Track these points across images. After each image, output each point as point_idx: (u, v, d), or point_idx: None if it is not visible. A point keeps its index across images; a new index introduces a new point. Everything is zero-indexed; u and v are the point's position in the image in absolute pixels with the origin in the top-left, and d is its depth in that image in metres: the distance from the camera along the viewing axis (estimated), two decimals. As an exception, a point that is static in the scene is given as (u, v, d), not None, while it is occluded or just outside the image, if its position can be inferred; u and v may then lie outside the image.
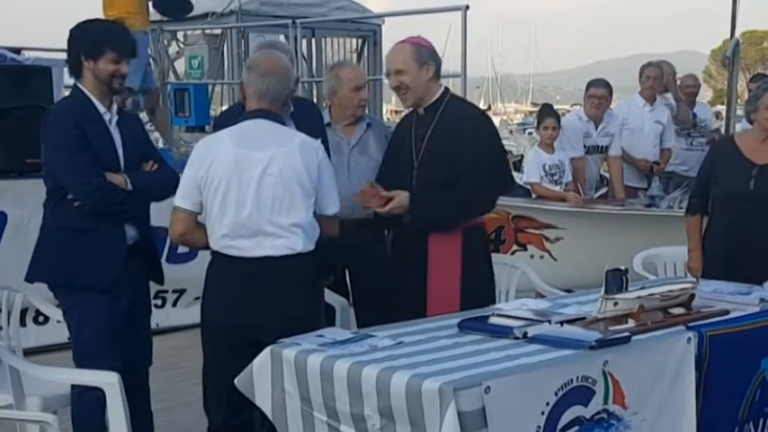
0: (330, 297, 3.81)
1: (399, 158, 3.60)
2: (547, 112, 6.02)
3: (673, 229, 4.56)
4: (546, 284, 4.18)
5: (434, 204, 3.45)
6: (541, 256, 5.56)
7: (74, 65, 3.29)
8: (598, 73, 7.92)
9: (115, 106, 3.35)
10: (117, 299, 3.25)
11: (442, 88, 3.57)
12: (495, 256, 4.94)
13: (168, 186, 3.27)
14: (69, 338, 3.36)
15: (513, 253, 5.52)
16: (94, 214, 3.20)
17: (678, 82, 7.01)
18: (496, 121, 38.09)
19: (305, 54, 9.02)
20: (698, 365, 2.74)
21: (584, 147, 6.18)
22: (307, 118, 3.53)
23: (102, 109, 3.28)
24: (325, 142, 3.53)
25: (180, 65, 9.19)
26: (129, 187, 3.26)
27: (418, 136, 3.53)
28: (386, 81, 4.04)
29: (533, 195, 5.86)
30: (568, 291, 4.04)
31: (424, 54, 3.48)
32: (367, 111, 4.31)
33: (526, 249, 5.60)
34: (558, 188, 5.83)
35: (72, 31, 3.31)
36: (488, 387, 2.27)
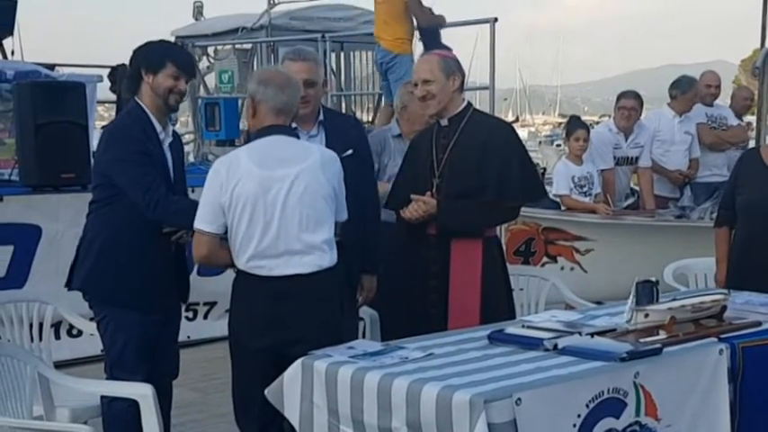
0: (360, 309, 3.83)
1: (418, 168, 3.64)
2: (577, 124, 6.00)
3: (704, 241, 4.52)
4: (576, 296, 4.17)
5: (464, 209, 3.50)
6: (572, 268, 5.54)
7: (134, 80, 3.32)
8: (626, 84, 7.89)
9: (170, 127, 3.38)
10: (150, 311, 3.29)
11: (466, 101, 3.64)
12: (524, 268, 4.98)
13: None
14: (102, 350, 3.40)
15: (543, 265, 5.51)
16: (142, 232, 3.23)
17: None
18: (525, 132, 38.03)
19: (333, 68, 9.07)
20: (732, 378, 2.72)
21: (614, 158, 6.16)
22: (339, 133, 3.55)
23: (158, 128, 3.30)
24: (359, 155, 3.61)
25: (210, 79, 9.28)
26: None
27: (440, 147, 3.58)
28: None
29: (563, 207, 5.85)
30: (599, 303, 4.03)
31: (452, 65, 3.55)
32: None
33: (556, 261, 5.58)
34: (587, 200, 5.81)
35: (136, 49, 3.35)
36: (519, 399, 2.27)
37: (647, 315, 2.79)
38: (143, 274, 3.25)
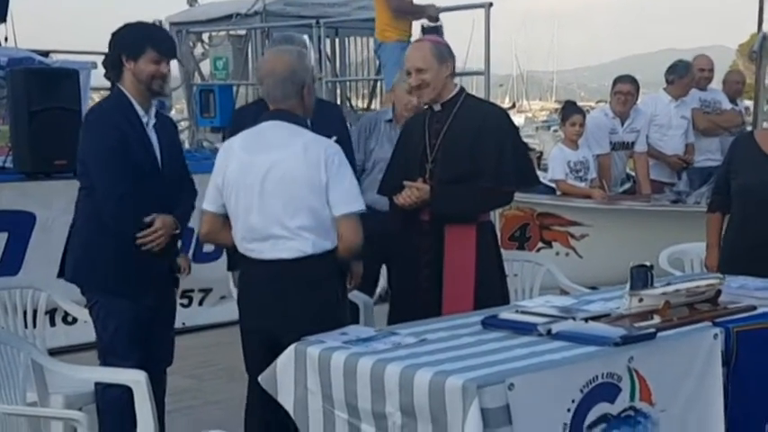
0: (354, 295, 3.83)
1: (411, 154, 3.62)
2: (572, 109, 5.99)
3: (699, 225, 4.51)
4: (570, 282, 4.16)
5: (457, 195, 3.50)
6: (567, 254, 5.54)
7: (114, 66, 3.30)
8: (623, 69, 7.88)
9: (154, 109, 3.37)
10: (142, 296, 3.28)
11: (458, 86, 3.63)
12: (518, 254, 4.97)
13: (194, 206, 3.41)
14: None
15: (538, 250, 5.51)
16: (125, 219, 3.24)
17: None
18: (521, 118, 37.94)
19: (329, 54, 9.03)
20: (725, 361, 2.71)
21: (610, 143, 6.14)
22: (322, 119, 3.53)
23: (140, 112, 3.28)
24: (343, 141, 3.56)
25: (205, 66, 9.24)
26: (178, 230, 3.34)
27: (433, 132, 3.56)
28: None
29: (558, 192, 5.84)
30: (594, 288, 4.03)
31: (444, 51, 3.54)
32: None
33: (551, 247, 5.58)
34: (583, 185, 5.79)
35: (113, 34, 3.32)
36: (512, 384, 2.27)
37: (641, 300, 2.79)
38: (131, 260, 3.25)
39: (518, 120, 36.39)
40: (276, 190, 2.99)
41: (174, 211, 3.34)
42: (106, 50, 3.35)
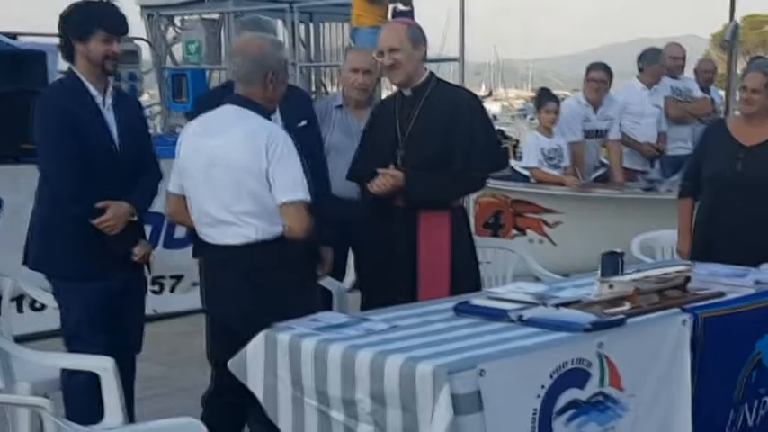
0: (327, 281, 3.81)
1: (381, 140, 3.60)
2: (547, 96, 6.00)
3: (671, 213, 4.54)
4: (544, 269, 4.17)
5: (430, 180, 3.49)
6: (540, 241, 5.56)
7: (66, 49, 3.26)
8: (598, 58, 7.90)
9: (111, 88, 3.33)
10: (108, 279, 3.24)
11: (428, 71, 3.61)
12: (491, 241, 4.98)
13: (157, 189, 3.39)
14: (65, 324, 3.35)
15: (512, 237, 5.52)
16: (87, 201, 3.21)
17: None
18: (498, 106, 38.04)
19: (303, 39, 8.97)
20: (693, 347, 2.73)
21: (584, 131, 6.16)
22: (291, 104, 3.48)
23: (94, 92, 3.25)
24: (312, 126, 3.56)
25: (177, 50, 9.14)
26: (135, 218, 3.30)
27: (403, 118, 3.55)
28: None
29: (532, 180, 5.85)
30: (567, 275, 4.04)
31: (418, 34, 3.53)
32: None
33: (525, 234, 5.59)
34: (556, 172, 5.81)
35: (61, 16, 3.28)
36: (483, 370, 2.27)
37: (611, 286, 2.80)
38: (92, 245, 3.21)
39: (494, 108, 36.50)
40: (221, 175, 2.97)
41: (132, 195, 3.29)
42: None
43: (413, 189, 3.47)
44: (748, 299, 2.95)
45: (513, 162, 7.03)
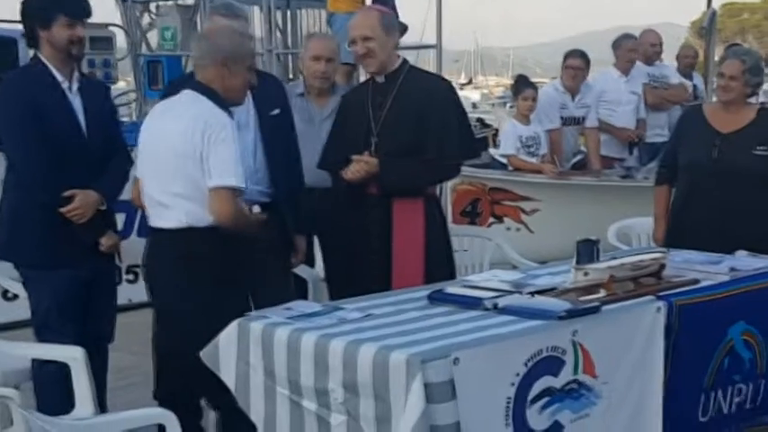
0: (302, 270, 3.79)
1: (353, 128, 3.57)
2: (524, 83, 5.99)
3: (648, 200, 4.54)
4: (521, 257, 4.17)
5: (405, 167, 3.47)
6: (518, 229, 5.56)
7: (31, 37, 3.23)
8: (577, 45, 7.90)
9: (77, 74, 3.29)
10: (77, 268, 3.21)
11: (401, 59, 3.58)
12: (468, 229, 4.97)
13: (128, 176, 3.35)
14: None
15: (489, 225, 5.51)
16: (52, 189, 3.17)
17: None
18: (477, 94, 37.98)
19: (280, 25, 8.88)
20: (667, 334, 2.73)
21: (561, 118, 6.16)
22: (263, 92, 3.44)
23: (60, 77, 3.21)
24: (285, 114, 3.52)
25: (152, 36, 9.03)
26: (104, 206, 3.26)
27: (377, 105, 3.52)
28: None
29: (510, 168, 5.84)
30: (545, 262, 4.03)
31: (392, 21, 3.51)
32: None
33: (502, 222, 5.59)
34: (534, 160, 5.80)
35: (22, 2, 3.24)
36: (457, 358, 2.25)
37: (586, 274, 2.79)
38: (60, 233, 3.18)
39: (474, 96, 36.48)
40: (164, 158, 2.95)
41: (100, 183, 3.25)
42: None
43: (387, 176, 3.45)
44: (723, 286, 2.95)
45: (492, 150, 7.03)
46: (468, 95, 37.32)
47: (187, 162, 2.90)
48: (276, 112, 3.48)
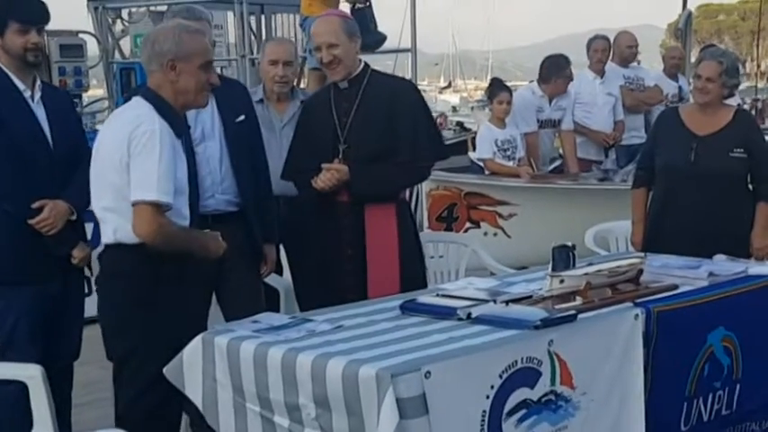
0: (273, 279, 3.70)
1: (318, 135, 3.49)
2: (499, 86, 5.92)
3: (626, 203, 4.49)
4: (498, 263, 4.11)
5: (376, 173, 3.41)
6: (495, 234, 5.49)
7: None
8: (556, 49, 7.89)
9: (39, 82, 3.20)
10: (45, 283, 3.10)
11: (363, 63, 3.53)
12: (444, 235, 4.90)
13: None
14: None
15: (466, 230, 5.44)
16: (19, 201, 3.07)
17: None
18: (457, 98, 38.03)
19: (254, 31, 8.79)
20: (646, 342, 2.68)
21: (538, 121, 6.10)
22: (228, 98, 3.37)
23: (21, 86, 3.12)
24: (250, 120, 3.44)
25: (125, 43, 8.91)
26: (74, 216, 3.15)
27: (342, 111, 3.45)
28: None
29: (486, 171, 5.78)
30: (524, 268, 3.97)
31: (353, 26, 3.45)
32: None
33: (479, 227, 5.52)
34: (511, 164, 5.74)
35: None
36: (429, 372, 2.18)
37: (562, 281, 2.72)
38: (27, 246, 3.07)
39: (453, 99, 36.53)
40: (97, 167, 2.78)
41: (68, 192, 3.15)
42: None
43: (358, 183, 3.38)
44: (701, 291, 2.90)
45: (471, 154, 6.97)
46: (448, 99, 37.37)
47: (111, 172, 2.70)
48: (241, 118, 3.40)
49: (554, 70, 6.03)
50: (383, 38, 6.17)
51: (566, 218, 5.18)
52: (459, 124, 18.14)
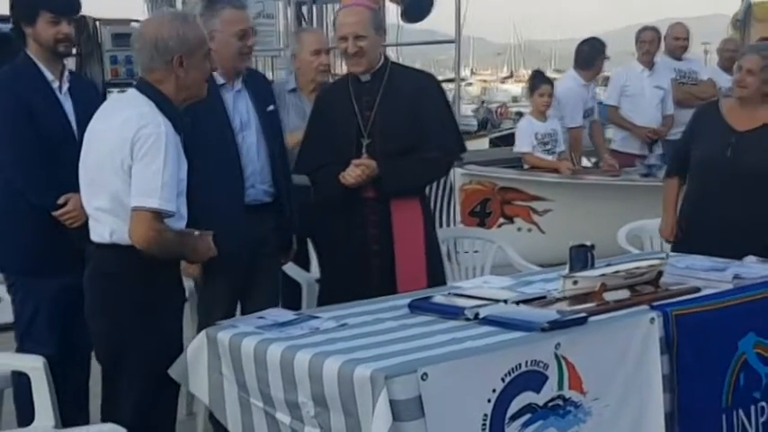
0: (296, 273, 3.69)
1: (339, 129, 3.43)
2: (540, 79, 5.81)
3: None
4: (532, 260, 4.00)
5: (406, 168, 3.37)
6: (529, 229, 5.39)
7: (18, 34, 3.15)
8: (625, 38, 7.69)
9: (67, 72, 3.21)
10: (64, 275, 3.11)
11: (383, 55, 3.49)
12: (470, 230, 4.81)
13: None
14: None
15: (499, 226, 5.36)
16: (41, 192, 3.10)
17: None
18: (518, 88, 37.51)
19: (306, 20, 8.78)
20: (668, 348, 2.57)
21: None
22: (256, 88, 3.36)
23: (50, 76, 3.13)
24: (277, 111, 3.43)
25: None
26: None
27: (364, 105, 3.39)
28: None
29: (525, 165, 5.67)
30: (559, 265, 3.87)
31: (379, 19, 3.42)
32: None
33: (513, 222, 5.42)
34: (551, 158, 5.62)
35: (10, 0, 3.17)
36: (425, 373, 2.12)
37: (575, 282, 2.63)
38: (50, 238, 3.09)
39: (515, 89, 36.03)
40: (91, 164, 2.68)
41: None
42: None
43: (390, 179, 3.33)
44: (725, 294, 2.77)
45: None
46: (509, 89, 36.90)
47: (109, 172, 2.61)
48: (271, 108, 3.39)
49: (596, 53, 5.91)
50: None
51: (602, 214, 5.05)
52: (520, 114, 17.99)
